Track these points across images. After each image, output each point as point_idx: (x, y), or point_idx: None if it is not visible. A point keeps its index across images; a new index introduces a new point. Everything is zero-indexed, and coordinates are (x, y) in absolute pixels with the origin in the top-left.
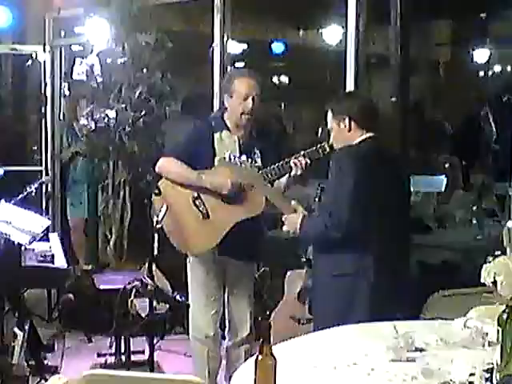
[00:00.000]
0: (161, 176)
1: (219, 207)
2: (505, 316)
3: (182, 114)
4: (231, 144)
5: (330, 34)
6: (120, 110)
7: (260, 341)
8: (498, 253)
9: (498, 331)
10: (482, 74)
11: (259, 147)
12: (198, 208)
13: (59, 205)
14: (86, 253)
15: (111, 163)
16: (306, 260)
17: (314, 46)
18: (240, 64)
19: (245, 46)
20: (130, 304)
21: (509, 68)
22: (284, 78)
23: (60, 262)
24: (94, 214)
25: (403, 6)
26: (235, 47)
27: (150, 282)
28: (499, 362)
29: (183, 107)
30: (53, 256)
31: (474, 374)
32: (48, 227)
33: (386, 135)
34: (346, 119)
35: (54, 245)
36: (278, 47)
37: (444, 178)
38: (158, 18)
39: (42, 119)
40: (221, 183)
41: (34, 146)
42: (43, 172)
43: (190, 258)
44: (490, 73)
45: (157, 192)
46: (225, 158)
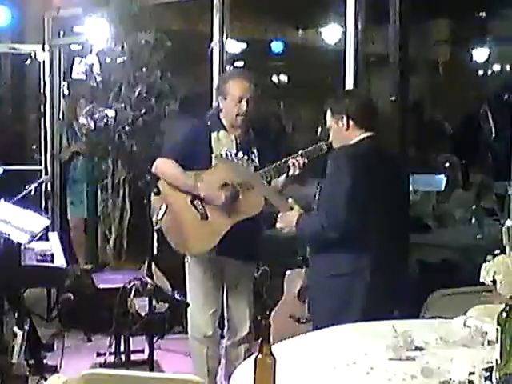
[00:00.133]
0: None
1: (218, 208)
2: (504, 315)
3: (181, 113)
4: (228, 143)
5: (329, 33)
6: (119, 109)
7: (259, 340)
8: (498, 252)
9: (497, 330)
10: (481, 73)
11: (256, 146)
12: (196, 209)
13: (59, 204)
14: (85, 252)
15: (111, 162)
16: (302, 259)
17: (313, 46)
18: (239, 63)
19: (244, 45)
20: (129, 303)
21: (508, 67)
22: (283, 77)
23: (59, 261)
24: (94, 213)
25: (402, 5)
26: (234, 46)
27: (149, 281)
28: (499, 361)
29: (182, 106)
30: (52, 255)
31: (473, 373)
32: (47, 226)
33: (386, 134)
34: (344, 118)
35: (54, 244)
36: (277, 46)
37: (443, 177)
38: (157, 18)
39: (42, 118)
40: (214, 196)
41: (34, 146)
42: (43, 171)
43: (188, 257)
44: (490, 72)
45: (156, 191)
46: (221, 154)
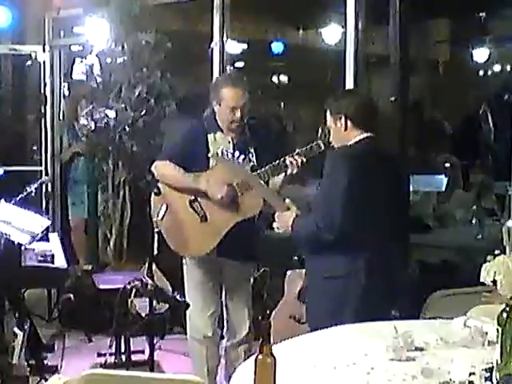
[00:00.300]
0: None
1: (217, 209)
2: (504, 315)
3: (181, 114)
4: (225, 145)
5: (330, 33)
6: (120, 110)
7: (260, 340)
8: (498, 252)
9: (497, 330)
10: (481, 73)
11: (254, 146)
12: (195, 210)
13: (59, 205)
14: (86, 253)
15: (111, 163)
16: (298, 259)
17: (313, 46)
18: (239, 64)
19: (244, 45)
20: (129, 304)
21: (508, 67)
22: (284, 78)
23: (60, 261)
24: (94, 213)
25: (402, 5)
26: (235, 47)
27: (150, 281)
28: (499, 362)
29: (182, 107)
30: (53, 256)
31: (473, 374)
32: (48, 227)
33: (386, 135)
34: (343, 118)
35: (54, 245)
36: (277, 47)
37: (444, 177)
38: (157, 18)
39: (42, 119)
40: (215, 189)
41: (34, 146)
42: (43, 172)
43: (187, 258)
44: (490, 72)
45: (157, 192)
46: (217, 153)
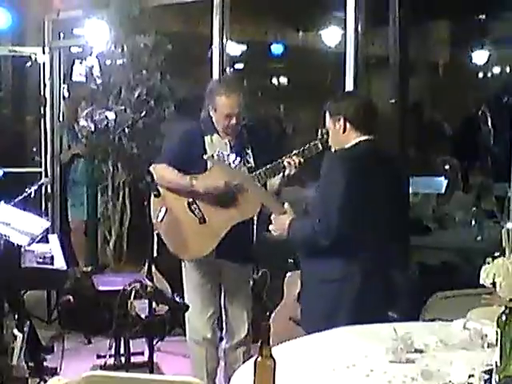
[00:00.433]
0: None
1: (215, 211)
2: (504, 317)
3: (181, 116)
4: (222, 147)
5: (330, 35)
6: (119, 112)
7: (259, 342)
8: (497, 254)
9: (497, 332)
10: (481, 75)
11: (251, 148)
12: (193, 213)
13: (59, 206)
14: (85, 254)
15: (111, 164)
16: (293, 261)
17: (313, 48)
18: (239, 65)
19: (244, 47)
20: (129, 305)
21: (508, 69)
22: (283, 80)
23: (59, 263)
24: (94, 215)
25: (402, 7)
26: (234, 48)
27: (149, 283)
28: (498, 364)
29: (182, 108)
30: (52, 257)
31: (473, 376)
32: (47, 229)
33: (385, 136)
34: (342, 120)
35: (54, 246)
36: (277, 48)
37: (443, 179)
38: (156, 20)
39: (42, 121)
40: (214, 185)
41: (34, 148)
42: (43, 173)
43: (186, 261)
44: (489, 74)
45: (156, 193)
46: (213, 155)
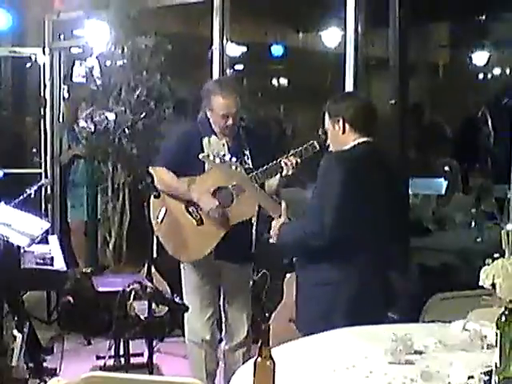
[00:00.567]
0: None
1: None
2: (503, 318)
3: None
4: (219, 148)
5: (330, 36)
6: (119, 113)
7: (259, 343)
8: (497, 255)
9: (496, 334)
10: (481, 76)
11: (249, 149)
12: (191, 215)
13: (58, 207)
14: (85, 255)
15: (111, 165)
16: (289, 263)
17: (313, 49)
18: (239, 66)
19: (244, 48)
20: (129, 306)
21: (508, 71)
22: (283, 81)
23: (59, 264)
24: (94, 216)
25: (402, 8)
26: (234, 49)
27: (149, 284)
28: (498, 365)
29: (180, 110)
30: (52, 258)
31: (472, 377)
32: (47, 229)
33: (385, 138)
34: (341, 121)
35: (54, 247)
36: (277, 50)
37: (443, 180)
38: (157, 21)
39: (42, 121)
40: (207, 200)
41: (34, 149)
42: (43, 174)
43: (184, 262)
44: (490, 75)
45: (156, 195)
46: (208, 155)
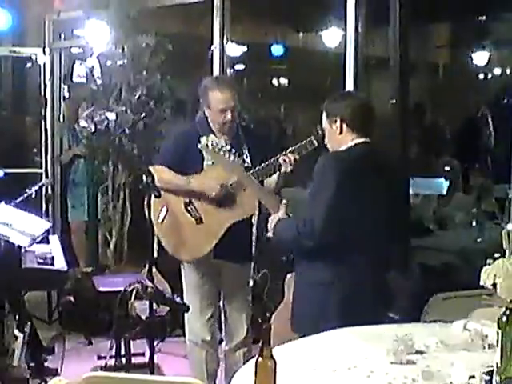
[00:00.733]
0: None
1: (212, 211)
2: (504, 318)
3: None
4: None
5: (330, 36)
6: (120, 113)
7: (260, 343)
8: (498, 255)
9: (497, 333)
10: (481, 76)
11: (248, 147)
12: (190, 214)
13: (59, 207)
14: (86, 255)
15: (111, 165)
16: (286, 261)
17: (313, 49)
18: (240, 66)
19: (244, 48)
20: (129, 306)
21: (508, 70)
22: (283, 81)
23: (60, 264)
24: (94, 216)
25: (402, 8)
26: (235, 49)
27: (150, 284)
28: (499, 365)
29: (180, 109)
30: (53, 258)
31: (473, 377)
32: (48, 229)
33: (386, 138)
34: (338, 121)
35: (54, 247)
36: (277, 49)
37: (444, 180)
38: (157, 21)
39: (42, 121)
40: (209, 186)
41: (34, 149)
42: (43, 174)
43: (184, 262)
44: (490, 75)
45: (157, 194)
46: (207, 144)
